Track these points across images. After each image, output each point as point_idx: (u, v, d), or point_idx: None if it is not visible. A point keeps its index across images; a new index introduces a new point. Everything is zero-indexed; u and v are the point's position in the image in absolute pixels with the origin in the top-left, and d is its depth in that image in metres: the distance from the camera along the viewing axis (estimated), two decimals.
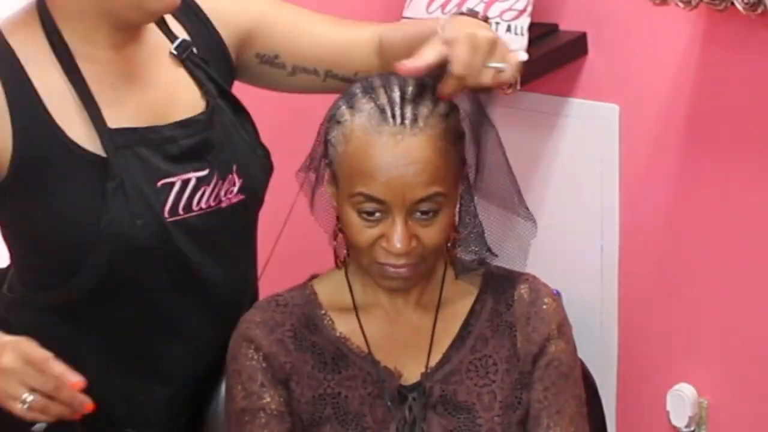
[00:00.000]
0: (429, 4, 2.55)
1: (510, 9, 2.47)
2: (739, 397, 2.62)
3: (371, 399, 1.60)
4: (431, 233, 1.53)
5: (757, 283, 2.47)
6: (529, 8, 2.48)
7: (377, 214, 1.51)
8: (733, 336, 2.47)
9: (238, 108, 1.74)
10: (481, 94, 1.57)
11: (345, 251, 1.63)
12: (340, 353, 1.61)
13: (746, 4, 2.31)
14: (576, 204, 2.62)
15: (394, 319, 1.64)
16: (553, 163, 2.67)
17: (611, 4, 2.48)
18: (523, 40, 2.47)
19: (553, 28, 2.60)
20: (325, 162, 1.57)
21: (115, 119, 1.59)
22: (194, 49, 1.69)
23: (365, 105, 1.52)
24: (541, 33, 2.57)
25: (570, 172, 2.64)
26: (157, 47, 1.67)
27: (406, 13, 2.61)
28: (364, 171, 1.49)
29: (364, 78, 1.59)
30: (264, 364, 1.60)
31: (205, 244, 1.67)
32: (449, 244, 1.61)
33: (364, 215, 1.52)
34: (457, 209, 1.59)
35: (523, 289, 1.65)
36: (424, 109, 1.51)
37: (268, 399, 1.60)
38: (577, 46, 2.55)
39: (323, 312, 1.64)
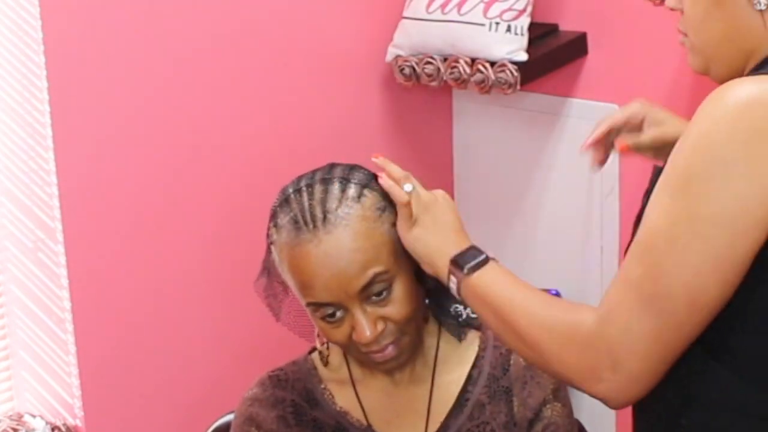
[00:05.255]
0: (429, 4, 2.55)
1: (510, 9, 2.47)
2: None
3: None
4: (394, 309, 1.51)
5: None
6: (529, 8, 2.49)
7: (337, 314, 1.51)
8: None
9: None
10: None
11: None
12: (341, 427, 1.62)
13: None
14: (576, 204, 2.62)
15: (391, 389, 1.64)
16: (553, 163, 2.67)
17: (611, 4, 2.48)
18: (523, 40, 2.48)
19: (553, 28, 2.60)
20: (280, 280, 1.58)
21: None
22: None
23: (283, 220, 1.53)
24: (541, 33, 2.57)
25: (570, 172, 2.64)
26: None
27: (406, 13, 2.61)
28: (302, 283, 1.50)
29: (283, 188, 1.59)
30: None
31: None
32: (427, 303, 1.62)
33: (327, 319, 1.52)
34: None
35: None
36: (333, 203, 1.50)
37: None
38: (577, 46, 2.55)
39: (323, 386, 1.65)
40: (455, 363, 1.64)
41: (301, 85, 2.57)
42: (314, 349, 1.70)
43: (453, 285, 1.46)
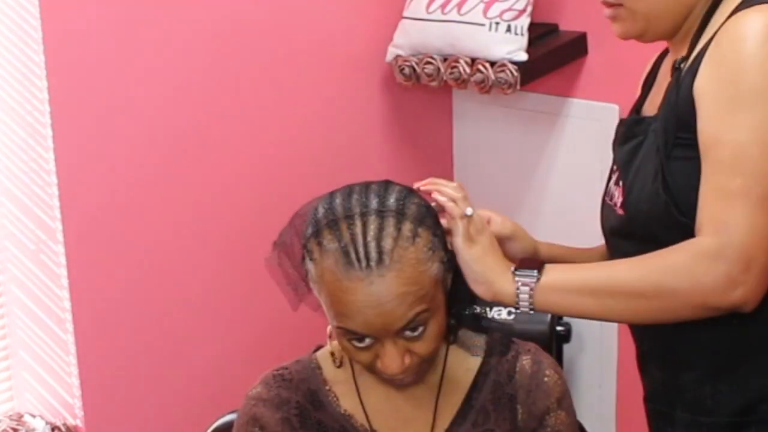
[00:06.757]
0: (429, 4, 2.55)
1: (510, 9, 2.47)
2: None
3: None
4: (423, 346, 1.49)
5: None
6: (529, 8, 2.49)
7: (366, 340, 1.49)
8: None
9: (672, 143, 1.58)
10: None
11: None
12: (345, 430, 1.61)
13: None
14: (576, 204, 2.62)
15: (397, 394, 1.62)
16: (553, 163, 2.67)
17: None
18: (523, 40, 2.48)
19: (553, 28, 2.61)
20: (308, 281, 1.56)
21: (647, 105, 1.73)
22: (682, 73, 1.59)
23: (331, 244, 1.46)
24: (541, 33, 2.57)
25: (570, 172, 2.64)
26: (679, 50, 1.65)
27: (406, 13, 2.61)
28: (340, 311, 1.46)
29: (328, 200, 1.52)
30: None
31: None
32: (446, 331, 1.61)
33: (354, 342, 1.50)
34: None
35: (525, 361, 1.61)
36: (388, 242, 1.45)
37: None
38: (577, 46, 2.55)
39: (327, 388, 1.63)
40: (461, 370, 1.63)
41: (302, 84, 2.57)
42: (319, 347, 1.69)
43: (524, 295, 1.52)
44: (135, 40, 2.27)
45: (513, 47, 2.47)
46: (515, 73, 2.44)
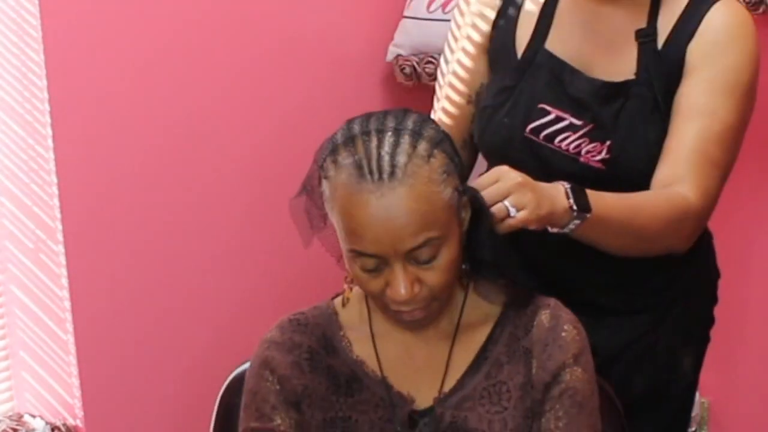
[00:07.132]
0: (429, 4, 2.55)
1: None
2: (739, 398, 2.62)
3: (381, 423, 1.59)
4: (434, 276, 1.49)
5: (757, 283, 2.47)
6: None
7: (377, 266, 1.49)
8: (734, 337, 2.47)
9: (660, 107, 1.77)
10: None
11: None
12: (355, 376, 1.59)
13: (747, 3, 2.31)
14: None
15: (411, 343, 1.62)
16: None
17: None
18: None
19: None
20: (323, 210, 1.55)
21: (554, 43, 1.82)
22: (658, 42, 1.78)
23: (345, 160, 1.47)
24: None
25: None
26: (631, 18, 1.79)
27: (406, 13, 2.61)
28: (351, 229, 1.46)
29: (346, 124, 1.54)
30: (277, 386, 1.59)
31: (550, 178, 1.74)
32: (463, 269, 1.59)
33: (365, 268, 1.48)
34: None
35: (543, 315, 1.59)
36: (402, 157, 1.45)
37: (279, 421, 1.59)
38: None
39: (342, 333, 1.61)
40: (479, 321, 1.62)
41: (302, 83, 2.57)
42: (337, 294, 1.68)
43: (572, 226, 1.58)
44: (135, 40, 2.27)
45: None
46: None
